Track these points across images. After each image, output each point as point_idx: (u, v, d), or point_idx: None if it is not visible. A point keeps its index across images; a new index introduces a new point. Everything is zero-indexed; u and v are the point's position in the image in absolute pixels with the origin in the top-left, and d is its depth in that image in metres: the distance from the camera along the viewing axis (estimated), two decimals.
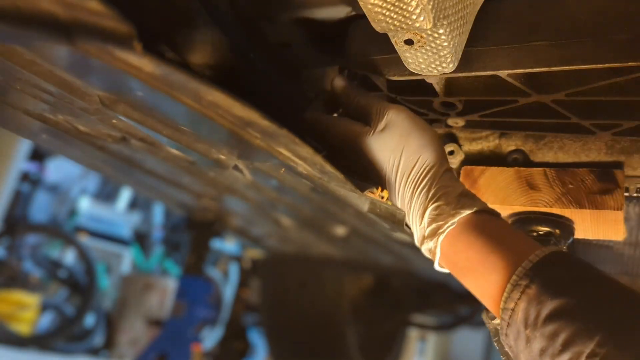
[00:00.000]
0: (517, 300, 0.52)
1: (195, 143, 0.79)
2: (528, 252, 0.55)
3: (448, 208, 0.61)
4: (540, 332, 0.49)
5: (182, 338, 2.26)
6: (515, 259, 0.54)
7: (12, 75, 0.62)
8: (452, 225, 0.60)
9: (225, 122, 0.50)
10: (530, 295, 0.51)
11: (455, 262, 0.61)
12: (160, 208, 5.12)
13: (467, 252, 0.58)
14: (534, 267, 0.53)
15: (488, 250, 0.57)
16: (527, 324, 0.51)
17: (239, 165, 0.96)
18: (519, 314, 0.52)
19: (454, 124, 0.77)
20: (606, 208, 0.72)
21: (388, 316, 2.94)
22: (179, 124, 0.68)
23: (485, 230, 0.59)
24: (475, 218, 0.60)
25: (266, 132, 0.51)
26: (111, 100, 0.64)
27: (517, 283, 0.53)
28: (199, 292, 2.32)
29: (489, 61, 0.61)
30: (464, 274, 0.60)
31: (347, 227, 1.65)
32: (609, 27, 0.56)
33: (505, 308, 0.53)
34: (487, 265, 0.56)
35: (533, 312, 0.50)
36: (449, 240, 0.60)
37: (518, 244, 0.58)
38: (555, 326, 0.48)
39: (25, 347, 3.52)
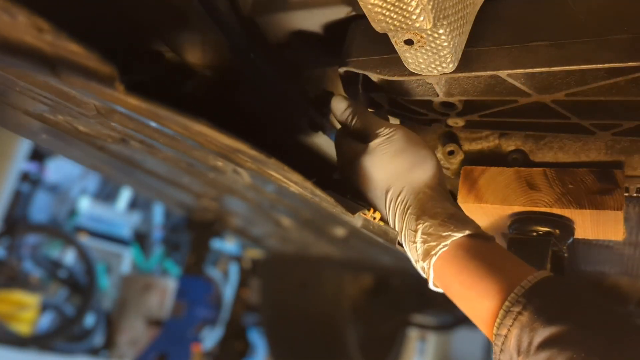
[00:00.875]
0: (510, 327, 0.52)
1: (193, 151, 0.79)
2: (521, 278, 0.54)
3: (440, 230, 0.60)
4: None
5: (182, 338, 2.26)
6: (508, 284, 0.54)
7: (10, 81, 0.62)
8: (444, 248, 0.60)
9: (214, 147, 0.51)
10: (523, 322, 0.51)
11: (448, 285, 0.61)
12: (160, 208, 5.12)
13: (460, 276, 0.58)
14: (526, 294, 0.53)
15: (480, 274, 0.57)
16: (520, 351, 0.50)
17: (237, 169, 0.96)
18: (511, 341, 0.51)
19: (454, 124, 0.77)
20: (606, 208, 0.72)
21: (388, 316, 2.94)
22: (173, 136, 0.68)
23: (478, 254, 0.59)
24: (467, 241, 0.60)
25: (255, 159, 0.52)
26: (107, 110, 0.65)
27: (509, 309, 0.52)
28: (199, 292, 2.32)
29: (489, 61, 0.61)
30: (457, 297, 0.60)
31: (347, 228, 1.65)
32: (608, 27, 0.56)
33: (498, 334, 0.53)
34: (479, 290, 0.56)
35: (526, 339, 0.50)
36: (441, 263, 0.60)
37: (510, 268, 0.57)
38: (548, 354, 0.48)
39: (25, 347, 3.52)
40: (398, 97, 0.74)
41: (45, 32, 0.36)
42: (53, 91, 0.60)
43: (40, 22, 0.36)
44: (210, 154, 0.79)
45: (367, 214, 0.66)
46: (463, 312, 0.60)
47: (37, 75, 0.50)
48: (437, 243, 0.60)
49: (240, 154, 0.52)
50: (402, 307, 2.88)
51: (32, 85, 0.59)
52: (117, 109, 0.57)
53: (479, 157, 0.84)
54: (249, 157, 0.53)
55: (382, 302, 2.86)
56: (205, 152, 0.78)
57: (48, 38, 0.37)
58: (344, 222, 1.50)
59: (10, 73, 0.55)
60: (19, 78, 0.56)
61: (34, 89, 0.61)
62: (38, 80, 0.57)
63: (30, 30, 0.36)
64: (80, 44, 0.36)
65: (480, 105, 0.72)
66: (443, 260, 0.60)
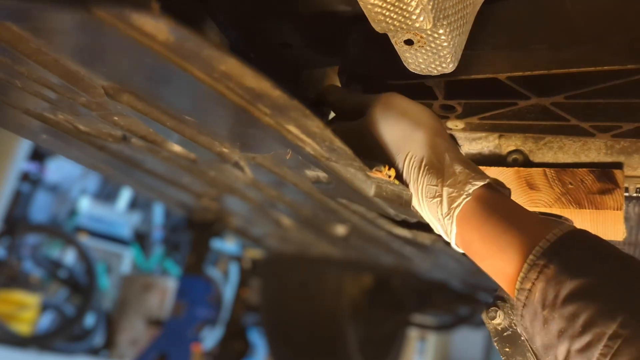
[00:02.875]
0: (535, 281, 0.50)
1: (199, 135, 0.78)
2: (545, 231, 0.53)
3: (461, 180, 0.59)
4: (559, 313, 0.47)
5: (182, 338, 2.26)
6: (532, 237, 0.53)
7: (14, 70, 0.61)
8: (467, 198, 0.58)
9: (235, 97, 0.49)
10: (549, 275, 0.49)
11: (469, 241, 0.59)
12: (160, 208, 5.13)
13: (481, 229, 0.57)
14: (551, 246, 0.51)
15: (503, 227, 0.55)
16: (544, 304, 0.49)
17: (240, 162, 0.96)
18: (536, 295, 0.50)
19: (454, 127, 0.77)
20: (606, 208, 0.72)
21: (388, 316, 2.94)
22: (183, 112, 0.67)
23: (499, 207, 0.57)
24: (487, 193, 0.58)
25: (276, 106, 0.50)
26: (115, 90, 0.64)
27: (534, 263, 0.51)
28: (199, 292, 2.32)
29: (489, 64, 0.61)
30: (478, 253, 0.58)
31: (348, 226, 1.65)
32: (607, 30, 0.56)
33: (522, 288, 0.51)
34: (502, 243, 0.55)
35: (551, 292, 0.48)
36: (463, 217, 0.58)
37: (533, 222, 0.56)
38: (575, 307, 0.46)
39: (25, 347, 3.52)
40: None
41: None
42: (61, 73, 0.59)
43: None
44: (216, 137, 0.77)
45: (383, 170, 0.64)
46: (483, 269, 0.58)
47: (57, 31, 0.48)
48: (459, 193, 0.59)
49: (261, 102, 0.50)
50: (402, 307, 2.88)
51: (40, 66, 0.58)
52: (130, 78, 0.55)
53: (479, 157, 0.84)
54: (269, 105, 0.50)
55: (382, 302, 2.86)
56: (212, 134, 0.77)
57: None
58: (345, 219, 1.50)
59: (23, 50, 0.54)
60: (31, 56, 0.56)
61: (41, 72, 0.60)
62: (49, 58, 0.56)
63: None
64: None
65: (479, 107, 0.72)
66: (464, 214, 0.58)
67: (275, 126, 0.53)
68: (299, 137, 0.56)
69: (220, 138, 0.79)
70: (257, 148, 0.75)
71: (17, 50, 0.54)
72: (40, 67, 0.58)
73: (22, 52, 0.55)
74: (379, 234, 1.61)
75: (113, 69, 0.57)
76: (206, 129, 0.74)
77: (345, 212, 1.38)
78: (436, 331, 3.88)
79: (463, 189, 0.59)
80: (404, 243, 1.71)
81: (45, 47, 0.54)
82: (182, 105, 0.64)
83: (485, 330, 3.82)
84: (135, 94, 0.64)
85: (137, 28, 0.39)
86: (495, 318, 0.67)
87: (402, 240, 1.67)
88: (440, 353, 5.08)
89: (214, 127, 0.72)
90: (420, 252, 1.83)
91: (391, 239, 1.67)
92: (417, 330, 3.96)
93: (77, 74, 0.60)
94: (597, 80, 0.61)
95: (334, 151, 0.58)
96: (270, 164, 0.95)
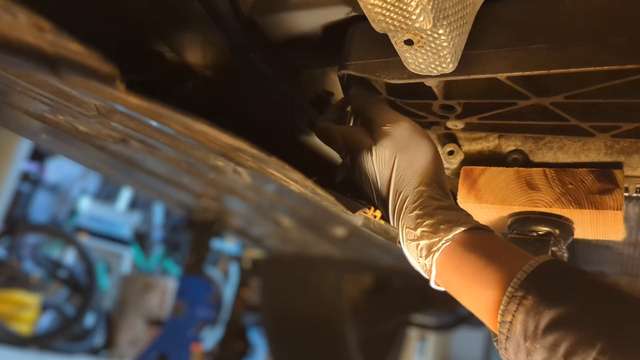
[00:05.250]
0: (515, 313, 0.51)
1: (193, 150, 0.79)
2: (522, 264, 0.54)
3: (441, 226, 0.60)
4: (540, 344, 0.48)
5: (182, 338, 2.26)
6: (509, 271, 0.54)
7: (11, 80, 0.62)
8: (447, 243, 0.59)
9: (215, 146, 0.51)
10: (528, 307, 0.50)
11: (449, 280, 0.60)
12: (160, 208, 5.13)
13: (461, 268, 0.58)
14: (529, 278, 0.52)
15: (482, 265, 0.56)
16: (526, 336, 0.50)
17: (237, 169, 0.96)
18: (517, 327, 0.51)
19: (453, 127, 0.77)
20: (606, 208, 0.72)
21: (388, 316, 2.94)
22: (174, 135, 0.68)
23: (478, 246, 0.58)
24: (467, 235, 0.60)
25: (256, 158, 0.52)
26: (107, 110, 0.65)
27: (513, 295, 0.52)
28: (199, 292, 2.32)
29: (488, 64, 0.61)
30: (459, 290, 0.60)
31: (347, 228, 1.65)
32: (607, 30, 0.56)
33: (503, 321, 0.52)
34: (481, 280, 0.56)
35: (532, 323, 0.49)
36: (443, 258, 0.60)
37: (511, 257, 0.57)
38: (555, 336, 0.47)
39: (25, 347, 3.52)
40: (397, 99, 0.74)
41: (46, 32, 0.36)
42: (53, 91, 0.60)
43: (41, 22, 0.36)
44: (210, 153, 0.79)
45: (368, 212, 0.65)
46: (465, 306, 0.60)
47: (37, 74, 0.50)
48: (439, 239, 0.60)
49: (241, 152, 0.52)
50: (402, 307, 2.88)
51: (32, 85, 0.59)
52: (118, 109, 0.57)
53: (479, 157, 0.84)
54: (249, 156, 0.53)
55: (382, 302, 2.86)
56: (206, 151, 0.78)
57: (49, 37, 0.37)
58: (345, 222, 1.50)
59: (10, 73, 0.56)
60: (19, 78, 0.57)
61: (34, 89, 0.61)
62: (38, 79, 0.57)
63: (31, 30, 0.36)
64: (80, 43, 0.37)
65: (479, 107, 0.72)
66: (444, 256, 0.60)
67: (258, 170, 0.56)
68: (282, 179, 0.58)
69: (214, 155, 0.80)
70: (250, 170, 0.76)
71: (7, 72, 0.55)
72: (31, 85, 0.59)
73: (11, 74, 0.56)
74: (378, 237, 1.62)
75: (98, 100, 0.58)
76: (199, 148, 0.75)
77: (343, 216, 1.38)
78: (436, 331, 3.88)
79: (442, 235, 0.60)
80: None
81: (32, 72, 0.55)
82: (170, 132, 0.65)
83: (485, 330, 3.82)
84: (126, 115, 0.65)
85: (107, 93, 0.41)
86: None
87: None
88: (440, 353, 5.08)
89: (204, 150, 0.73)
90: None
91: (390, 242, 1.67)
92: (417, 330, 3.96)
93: (68, 93, 0.61)
94: (597, 80, 0.61)
95: (317, 195, 0.60)
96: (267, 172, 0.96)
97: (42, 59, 0.39)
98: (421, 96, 0.72)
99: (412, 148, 0.65)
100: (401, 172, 0.64)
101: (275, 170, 0.56)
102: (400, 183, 0.64)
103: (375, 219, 0.65)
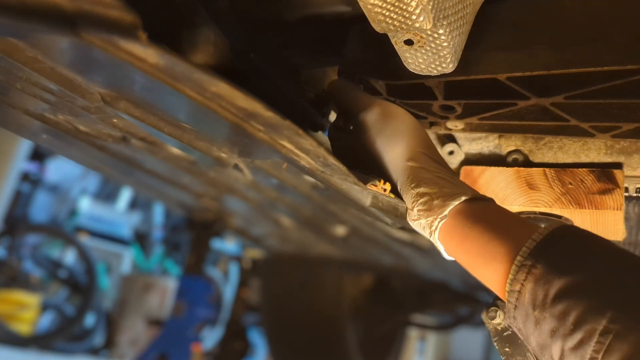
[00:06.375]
0: (523, 282, 0.50)
1: (196, 141, 0.79)
2: (529, 233, 0.52)
3: (435, 202, 0.59)
4: (549, 313, 0.47)
5: (182, 338, 2.26)
6: (516, 242, 0.53)
7: (13, 74, 0.62)
8: (443, 220, 0.59)
9: (228, 114, 0.50)
10: (537, 275, 0.49)
11: (455, 255, 0.59)
12: (160, 208, 5.13)
13: (464, 244, 0.57)
14: (538, 246, 0.51)
15: (485, 239, 0.55)
16: (535, 305, 0.49)
17: (239, 164, 0.96)
18: (526, 296, 0.50)
19: (454, 127, 0.77)
20: (606, 208, 0.72)
21: (388, 316, 2.94)
22: (180, 121, 0.67)
23: (478, 219, 0.57)
24: (466, 207, 0.58)
25: (269, 124, 0.50)
26: (112, 97, 0.64)
27: (521, 264, 0.51)
28: (199, 292, 2.32)
29: (488, 64, 0.61)
30: (467, 265, 0.58)
31: (347, 227, 1.65)
32: (607, 30, 0.56)
33: (512, 290, 0.51)
34: (486, 254, 0.55)
35: (541, 292, 0.48)
36: (444, 235, 0.59)
37: (517, 226, 0.56)
38: (564, 305, 0.46)
39: (25, 347, 3.52)
40: (397, 99, 0.74)
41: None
42: (58, 79, 0.60)
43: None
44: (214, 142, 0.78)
45: (378, 185, 0.64)
46: (477, 279, 0.58)
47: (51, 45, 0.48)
48: (435, 216, 0.59)
49: (254, 120, 0.50)
50: (402, 307, 2.88)
51: (38, 74, 0.58)
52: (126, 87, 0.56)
53: (479, 157, 0.84)
54: (262, 123, 0.51)
55: (382, 302, 2.86)
56: (210, 140, 0.77)
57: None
58: (345, 220, 1.50)
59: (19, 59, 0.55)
60: (27, 64, 0.56)
61: (39, 80, 0.60)
62: (44, 66, 0.57)
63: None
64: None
65: (479, 107, 0.72)
66: (445, 232, 0.59)
67: (269, 141, 0.54)
68: (293, 152, 0.56)
69: (218, 144, 0.79)
70: (255, 155, 0.75)
71: (14, 58, 0.54)
72: (37, 74, 0.58)
73: (18, 61, 0.55)
74: (378, 236, 1.62)
75: (108, 79, 0.57)
76: (203, 136, 0.75)
77: (344, 214, 1.38)
78: (436, 331, 3.88)
79: (438, 212, 0.59)
80: (403, 245, 1.71)
81: (41, 57, 0.54)
82: (178, 115, 0.64)
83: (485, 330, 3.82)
84: (131, 102, 0.64)
85: (126, 51, 0.40)
86: (495, 318, 0.67)
87: (401, 243, 1.67)
88: (440, 353, 5.08)
89: (210, 135, 0.72)
90: (420, 253, 1.83)
91: (390, 241, 1.67)
92: (417, 330, 3.96)
93: (74, 81, 0.61)
94: (597, 80, 0.61)
95: (328, 166, 0.59)
96: (269, 167, 0.95)
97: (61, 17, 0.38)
98: (421, 96, 0.72)
99: (389, 130, 0.64)
100: (386, 155, 0.63)
101: (288, 139, 0.54)
102: (388, 165, 0.64)
103: (385, 192, 0.64)
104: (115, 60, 0.42)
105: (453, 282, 2.58)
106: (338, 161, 0.56)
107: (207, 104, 0.48)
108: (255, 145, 0.63)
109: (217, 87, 0.44)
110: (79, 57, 0.50)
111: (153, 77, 0.43)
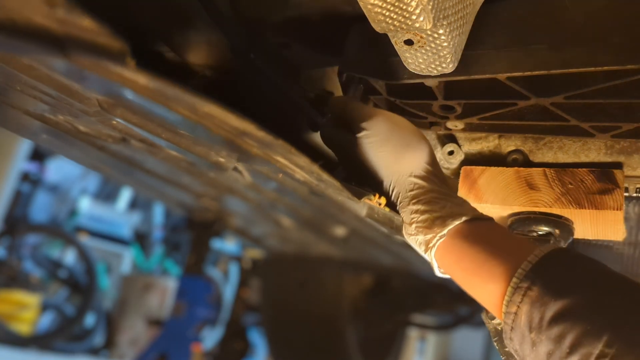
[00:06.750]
0: (519, 304, 0.50)
1: (195, 146, 0.79)
2: (526, 254, 0.53)
3: (436, 220, 0.59)
4: (545, 335, 0.48)
5: (182, 338, 2.26)
6: (513, 262, 0.53)
7: (12, 78, 0.62)
8: (442, 239, 0.59)
9: (221, 131, 0.51)
10: (533, 298, 0.50)
11: (452, 273, 0.60)
12: (160, 208, 5.12)
13: (461, 263, 0.57)
14: (534, 268, 0.51)
15: (482, 259, 0.56)
16: (531, 327, 0.49)
17: (238, 167, 0.96)
18: (522, 318, 0.50)
19: (454, 127, 0.77)
20: (606, 208, 0.72)
21: (388, 316, 2.94)
22: (177, 129, 0.68)
23: (477, 239, 0.57)
24: (465, 227, 0.58)
25: (262, 142, 0.51)
26: (110, 104, 0.64)
27: (517, 286, 0.51)
28: (199, 292, 2.32)
29: (488, 64, 0.61)
30: (463, 283, 0.59)
31: (347, 228, 1.65)
32: (607, 30, 0.56)
33: (508, 312, 0.52)
34: (482, 275, 0.55)
35: (537, 314, 0.49)
36: (441, 253, 0.59)
37: (514, 247, 0.56)
38: (560, 328, 0.47)
39: (25, 347, 3.52)
40: (397, 100, 0.74)
41: (57, 7, 0.36)
42: (55, 86, 0.60)
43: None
44: (212, 148, 0.78)
45: (373, 199, 0.64)
46: (473, 297, 0.59)
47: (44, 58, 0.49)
48: (434, 235, 0.59)
49: (247, 137, 0.51)
50: (402, 307, 2.88)
51: (35, 80, 0.58)
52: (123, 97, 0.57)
53: (479, 157, 0.84)
54: (256, 141, 0.52)
55: (382, 302, 2.86)
56: (208, 146, 0.78)
57: (60, 13, 0.36)
58: (345, 221, 1.50)
59: (14, 66, 0.55)
60: (23, 71, 0.56)
61: (37, 85, 0.61)
62: (41, 73, 0.57)
63: (41, 7, 0.36)
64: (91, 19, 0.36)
65: (479, 107, 0.72)
66: (443, 250, 0.59)
67: (264, 156, 0.55)
68: (288, 166, 0.57)
69: (215, 149, 0.79)
70: (253, 162, 0.75)
71: (10, 66, 0.55)
72: (34, 80, 0.58)
73: (14, 68, 0.55)
74: (378, 237, 1.61)
75: (103, 90, 0.58)
76: (201, 142, 0.75)
77: (343, 216, 1.38)
78: (436, 331, 3.88)
79: (437, 230, 0.59)
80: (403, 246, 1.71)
81: (36, 65, 0.54)
82: (174, 124, 0.64)
83: (485, 330, 3.82)
84: (129, 109, 0.64)
85: (115, 74, 0.40)
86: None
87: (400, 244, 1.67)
88: (440, 353, 5.08)
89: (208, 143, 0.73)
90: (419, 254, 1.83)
91: (390, 242, 1.67)
92: (417, 330, 3.96)
93: (71, 87, 0.61)
94: (597, 80, 0.61)
95: (323, 181, 0.59)
96: (268, 171, 0.96)
97: (51, 40, 0.39)
98: (421, 96, 0.72)
99: (395, 141, 0.63)
100: (389, 167, 0.63)
101: (282, 155, 0.55)
102: (390, 178, 0.63)
103: (380, 206, 0.64)
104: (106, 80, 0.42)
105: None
106: (331, 177, 0.57)
107: (200, 121, 0.48)
108: (251, 157, 0.64)
109: (208, 108, 0.45)
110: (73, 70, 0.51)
111: (145, 95, 0.44)
